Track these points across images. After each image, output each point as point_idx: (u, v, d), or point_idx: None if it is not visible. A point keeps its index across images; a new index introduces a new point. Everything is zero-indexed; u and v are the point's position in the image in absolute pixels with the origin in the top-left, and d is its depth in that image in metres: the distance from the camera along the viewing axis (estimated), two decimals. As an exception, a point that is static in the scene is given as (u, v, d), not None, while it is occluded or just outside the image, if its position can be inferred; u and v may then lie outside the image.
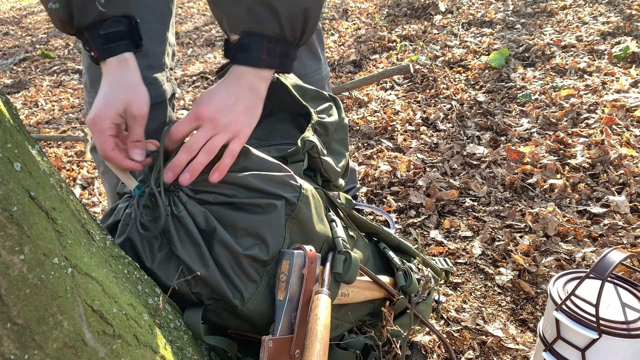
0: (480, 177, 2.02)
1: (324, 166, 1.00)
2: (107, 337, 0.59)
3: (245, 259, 0.78)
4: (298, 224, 0.84)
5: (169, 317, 0.82)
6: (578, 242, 1.60)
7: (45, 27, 7.26)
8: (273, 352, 0.74)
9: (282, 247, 0.82)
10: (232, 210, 0.79)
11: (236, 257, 0.77)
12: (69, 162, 2.75)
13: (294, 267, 0.79)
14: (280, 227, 0.81)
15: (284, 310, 0.78)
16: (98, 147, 0.79)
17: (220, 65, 0.94)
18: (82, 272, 0.59)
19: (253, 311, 0.80)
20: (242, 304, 0.78)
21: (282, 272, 0.79)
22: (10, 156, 0.54)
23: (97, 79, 0.92)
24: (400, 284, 1.07)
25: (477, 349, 1.24)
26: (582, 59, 2.95)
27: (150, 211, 0.79)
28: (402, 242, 1.20)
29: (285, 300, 0.79)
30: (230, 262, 0.78)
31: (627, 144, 2.03)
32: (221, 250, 0.77)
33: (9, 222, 0.50)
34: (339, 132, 1.09)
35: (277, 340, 0.76)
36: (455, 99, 2.76)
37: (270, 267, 0.81)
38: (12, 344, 0.50)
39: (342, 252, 0.89)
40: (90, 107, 0.88)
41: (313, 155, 0.98)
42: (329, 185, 1.08)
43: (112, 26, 0.80)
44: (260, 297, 0.80)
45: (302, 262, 0.80)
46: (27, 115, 3.69)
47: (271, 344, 0.75)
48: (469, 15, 4.20)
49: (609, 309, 0.89)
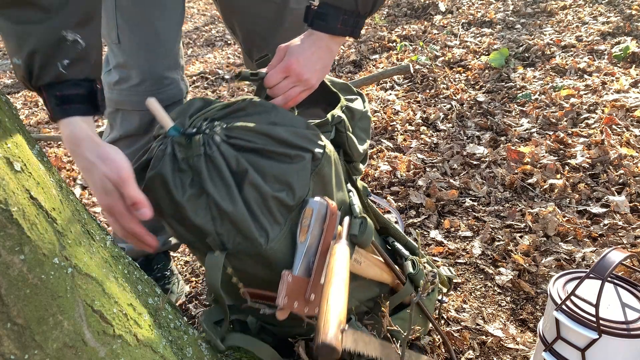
0: (480, 177, 2.02)
1: (348, 142, 1.04)
2: (107, 337, 0.59)
3: (273, 201, 0.82)
4: (320, 180, 0.90)
5: (169, 317, 0.82)
6: (578, 242, 1.60)
7: (45, 27, 7.25)
8: (291, 289, 0.78)
9: (306, 196, 0.86)
10: (262, 158, 0.84)
11: (265, 198, 0.82)
12: (69, 162, 2.75)
13: (316, 214, 0.84)
14: (306, 178, 0.86)
15: (303, 252, 0.83)
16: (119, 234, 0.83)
17: (260, 56, 1.02)
18: (82, 272, 0.59)
19: (275, 252, 0.83)
20: (267, 243, 0.82)
21: (305, 218, 0.84)
22: (10, 156, 0.54)
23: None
24: (408, 271, 1.11)
25: (477, 349, 1.24)
26: (582, 59, 2.95)
27: (184, 149, 0.83)
28: (409, 241, 1.21)
29: (306, 243, 0.83)
30: (259, 203, 0.82)
31: (627, 144, 2.03)
32: (251, 191, 0.82)
33: (9, 222, 0.50)
34: (362, 121, 1.13)
35: (295, 277, 0.79)
36: (455, 99, 2.76)
37: (293, 214, 0.85)
38: (12, 344, 0.50)
39: (359, 217, 0.94)
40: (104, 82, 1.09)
41: (340, 130, 1.02)
42: (349, 166, 1.12)
43: (70, 89, 0.80)
44: (283, 240, 0.84)
45: (325, 211, 0.86)
46: (27, 115, 3.69)
47: (290, 279, 0.78)
48: (469, 15, 4.20)
49: (609, 309, 0.89)
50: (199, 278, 1.67)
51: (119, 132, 1.32)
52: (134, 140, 1.31)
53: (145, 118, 1.28)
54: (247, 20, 1.31)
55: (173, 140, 0.85)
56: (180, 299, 1.55)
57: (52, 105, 0.79)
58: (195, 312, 1.47)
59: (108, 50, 1.31)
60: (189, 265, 1.74)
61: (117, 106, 1.29)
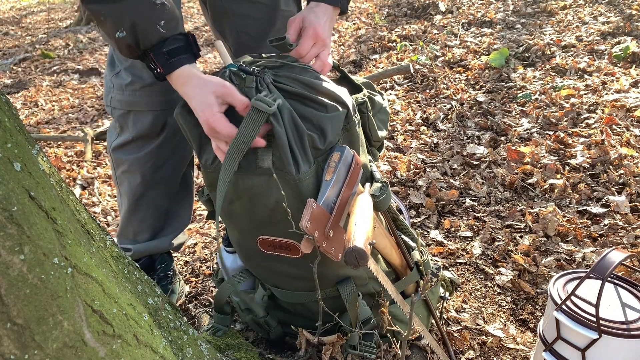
0: (480, 177, 2.02)
1: (369, 123, 1.10)
2: (107, 337, 0.59)
3: (307, 138, 0.90)
4: (349, 137, 0.98)
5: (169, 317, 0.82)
6: (578, 242, 1.60)
7: (45, 27, 7.27)
8: (314, 216, 0.81)
9: (336, 144, 0.94)
10: (301, 104, 0.93)
11: (301, 135, 0.90)
12: (69, 162, 2.75)
13: (343, 158, 0.91)
14: (338, 128, 0.94)
15: (328, 188, 0.88)
16: (226, 134, 0.89)
17: (276, 37, 1.06)
18: (82, 272, 0.59)
19: (303, 184, 0.90)
20: (297, 173, 0.89)
21: (333, 160, 0.91)
22: (10, 156, 0.54)
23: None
24: (416, 259, 1.15)
25: (477, 349, 1.24)
26: (582, 59, 2.95)
27: (239, 79, 0.94)
28: (417, 238, 1.22)
29: (331, 182, 0.88)
30: (295, 136, 0.90)
31: (627, 144, 2.03)
32: (290, 126, 0.90)
33: (9, 222, 0.50)
34: (381, 113, 1.19)
35: (319, 207, 0.83)
36: (455, 99, 2.76)
37: (322, 157, 0.93)
38: (12, 344, 0.50)
39: (380, 181, 1.00)
40: (112, 85, 1.28)
41: (362, 111, 1.08)
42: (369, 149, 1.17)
43: (172, 43, 0.92)
44: (311, 178, 0.91)
45: (351, 160, 0.92)
46: (27, 115, 3.69)
47: (315, 206, 0.82)
48: (469, 15, 4.20)
49: (609, 309, 0.89)
50: (199, 278, 1.67)
51: (132, 134, 1.31)
52: (147, 142, 1.31)
53: (159, 118, 1.29)
54: (238, 22, 1.32)
55: (230, 71, 0.95)
56: (180, 299, 1.55)
57: (161, 62, 0.92)
58: (195, 312, 1.47)
59: (116, 53, 1.30)
60: (189, 265, 1.74)
61: (129, 107, 1.29)
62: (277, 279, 1.11)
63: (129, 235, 1.44)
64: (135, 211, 1.40)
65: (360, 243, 0.74)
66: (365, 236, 0.77)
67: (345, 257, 0.74)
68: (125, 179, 1.39)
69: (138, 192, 1.37)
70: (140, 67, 1.25)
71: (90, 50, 5.47)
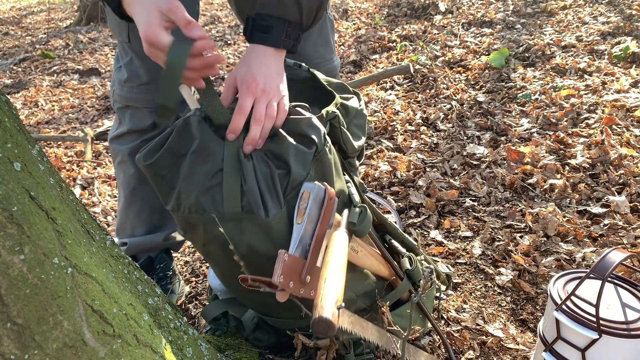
0: (480, 177, 2.02)
1: (343, 137, 1.05)
2: (107, 337, 0.59)
3: (277, 177, 0.87)
4: (321, 167, 0.93)
5: (169, 317, 0.82)
6: (578, 242, 1.60)
7: (45, 27, 7.27)
8: (287, 267, 0.78)
9: (305, 180, 0.90)
10: (268, 141, 0.91)
11: (271, 174, 0.87)
12: (69, 162, 2.75)
13: (314, 197, 0.86)
14: (308, 161, 0.90)
15: (300, 233, 0.84)
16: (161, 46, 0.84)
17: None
18: (82, 272, 0.59)
19: (274, 227, 0.87)
20: (267, 217, 0.86)
21: (303, 200, 0.86)
22: (10, 156, 0.54)
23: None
24: (405, 267, 1.11)
25: (477, 349, 1.24)
26: (582, 59, 2.95)
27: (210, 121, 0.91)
28: (407, 238, 1.21)
29: (303, 225, 0.84)
30: (264, 178, 0.87)
31: (627, 144, 2.03)
32: (259, 163, 0.88)
33: (9, 222, 0.50)
34: (358, 118, 1.15)
35: (291, 257, 0.80)
36: (455, 99, 2.76)
37: (291, 195, 0.88)
38: (12, 344, 0.50)
39: (358, 206, 0.95)
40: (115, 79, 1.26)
41: (334, 125, 1.03)
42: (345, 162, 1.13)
43: None
44: (282, 219, 0.87)
45: (323, 196, 0.87)
46: (27, 115, 3.69)
47: (286, 257, 0.79)
48: (469, 15, 4.20)
49: (609, 309, 0.89)
50: (199, 278, 1.67)
51: (127, 127, 1.35)
52: (142, 134, 1.34)
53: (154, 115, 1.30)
54: None
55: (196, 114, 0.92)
56: (180, 299, 1.55)
57: None
58: (195, 312, 1.47)
59: (119, 48, 1.33)
60: (189, 265, 1.74)
61: (127, 103, 1.32)
62: (266, 309, 1.09)
63: (127, 229, 1.46)
64: (130, 204, 1.42)
65: (328, 312, 0.69)
66: (334, 300, 0.72)
67: (312, 327, 0.69)
68: (121, 171, 1.42)
69: (132, 184, 1.40)
70: (138, 64, 1.26)
71: (90, 50, 5.47)
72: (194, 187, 0.89)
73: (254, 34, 0.95)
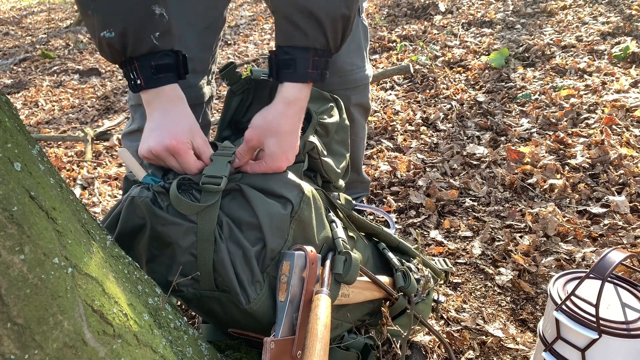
0: (480, 177, 2.02)
1: (324, 167, 1.01)
2: (107, 337, 0.59)
3: (252, 254, 0.80)
4: (300, 225, 0.86)
5: (169, 317, 0.82)
6: (578, 242, 1.60)
7: (45, 27, 7.27)
8: (275, 353, 0.75)
9: (283, 248, 0.83)
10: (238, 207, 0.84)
11: (244, 252, 0.80)
12: (69, 162, 2.75)
13: (294, 268, 0.80)
14: (285, 226, 0.83)
15: (285, 311, 0.79)
16: (185, 167, 0.85)
17: (224, 66, 0.96)
18: (82, 272, 0.59)
19: (257, 310, 0.82)
20: (247, 303, 0.81)
21: (283, 274, 0.80)
22: (10, 156, 0.54)
23: None
24: (399, 285, 1.07)
25: (477, 349, 1.24)
26: (582, 59, 2.95)
27: (165, 197, 0.83)
28: (401, 242, 1.20)
29: (287, 302, 0.79)
30: (237, 258, 0.80)
31: (627, 144, 2.03)
32: (230, 242, 0.80)
33: (9, 222, 0.50)
34: (339, 133, 1.10)
35: (278, 341, 0.77)
36: (455, 99, 2.76)
37: (270, 268, 0.83)
38: (12, 344, 0.50)
39: (343, 253, 0.89)
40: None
41: (313, 156, 0.98)
42: (329, 186, 1.08)
43: (162, 59, 0.85)
44: (264, 301, 0.82)
45: (303, 263, 0.81)
46: (27, 115, 3.69)
47: (273, 345, 0.75)
48: (469, 15, 4.20)
49: (609, 309, 0.89)
50: (199, 278, 1.67)
51: (138, 125, 1.37)
52: None
53: None
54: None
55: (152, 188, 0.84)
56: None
57: (145, 75, 0.84)
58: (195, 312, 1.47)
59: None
60: (189, 265, 1.74)
61: (138, 101, 1.33)
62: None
63: None
64: None
65: None
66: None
67: None
68: None
69: None
70: None
71: (91, 50, 5.47)
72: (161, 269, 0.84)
73: (279, 71, 0.87)
